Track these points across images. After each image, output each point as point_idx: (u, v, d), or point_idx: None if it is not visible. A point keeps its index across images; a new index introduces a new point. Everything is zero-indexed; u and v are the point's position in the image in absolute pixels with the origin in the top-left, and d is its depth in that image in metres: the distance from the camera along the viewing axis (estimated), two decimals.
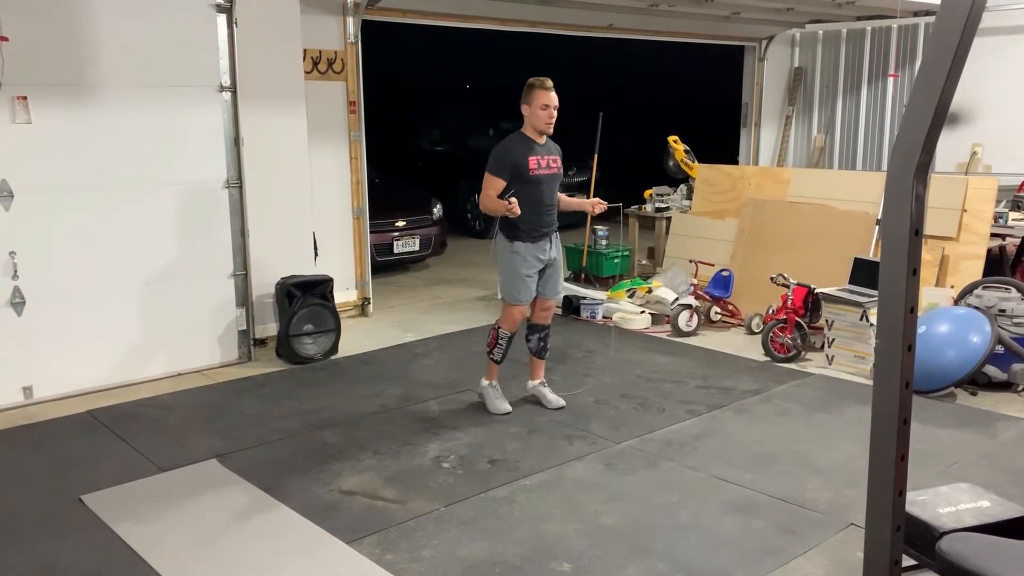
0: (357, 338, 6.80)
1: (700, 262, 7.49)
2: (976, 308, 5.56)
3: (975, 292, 5.75)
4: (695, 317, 6.89)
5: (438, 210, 9.94)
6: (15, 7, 5.05)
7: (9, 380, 5.32)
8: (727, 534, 3.67)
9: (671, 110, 15.35)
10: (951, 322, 5.46)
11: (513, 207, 4.72)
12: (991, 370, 5.44)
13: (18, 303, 5.31)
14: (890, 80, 10.16)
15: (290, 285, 6.24)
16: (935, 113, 1.64)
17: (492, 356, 5.16)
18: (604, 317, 7.41)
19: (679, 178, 9.38)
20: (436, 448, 4.63)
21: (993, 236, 6.83)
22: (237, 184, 6.15)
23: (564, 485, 4.17)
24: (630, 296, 7.59)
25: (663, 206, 8.94)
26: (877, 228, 6.83)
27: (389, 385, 5.73)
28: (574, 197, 5.79)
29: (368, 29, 7.44)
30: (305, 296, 6.25)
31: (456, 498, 4.02)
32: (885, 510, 1.79)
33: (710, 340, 6.78)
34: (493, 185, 4.87)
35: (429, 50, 15.22)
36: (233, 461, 4.48)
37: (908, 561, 2.81)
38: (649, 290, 7.42)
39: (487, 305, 7.94)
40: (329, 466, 4.42)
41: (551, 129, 4.96)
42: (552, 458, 4.48)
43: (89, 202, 5.52)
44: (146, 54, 5.64)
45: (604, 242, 8.80)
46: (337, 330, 6.40)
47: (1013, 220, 7.21)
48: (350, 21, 7.24)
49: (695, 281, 7.40)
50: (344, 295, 7.40)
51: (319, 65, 7.12)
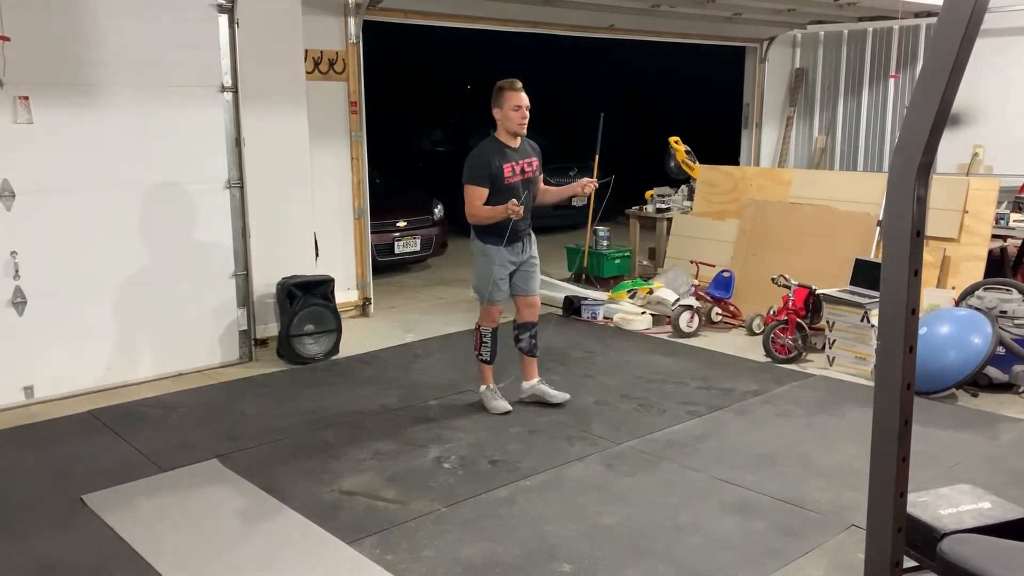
0: (358, 338, 6.80)
1: (701, 263, 7.49)
2: (977, 309, 5.56)
3: (976, 293, 5.74)
4: (696, 318, 6.89)
5: (439, 210, 9.95)
6: (17, 7, 5.06)
7: (10, 380, 5.33)
8: (728, 535, 3.67)
9: (672, 111, 15.36)
10: (952, 323, 5.45)
11: (518, 209, 4.72)
12: (992, 371, 5.43)
13: (19, 303, 5.31)
14: (891, 81, 10.16)
15: (291, 285, 6.25)
16: (937, 114, 1.64)
17: (481, 356, 5.15)
18: (606, 318, 7.41)
19: (680, 179, 9.39)
20: (437, 448, 4.63)
21: (994, 237, 6.84)
22: (238, 184, 6.16)
23: (565, 486, 4.17)
24: (631, 297, 7.59)
25: (664, 207, 8.94)
26: (878, 229, 6.82)
27: (390, 385, 5.73)
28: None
29: (369, 29, 7.45)
30: (306, 296, 6.25)
31: (457, 498, 4.02)
32: (886, 511, 1.79)
33: (711, 341, 6.77)
34: (477, 195, 4.86)
35: (430, 51, 15.22)
36: (234, 461, 4.48)
37: (909, 563, 2.81)
38: (650, 291, 7.42)
39: None
40: (330, 466, 4.42)
41: (524, 130, 4.93)
42: (553, 459, 4.48)
43: (90, 202, 5.52)
44: (148, 54, 5.65)
45: (605, 243, 8.81)
46: (338, 330, 6.40)
47: (1014, 221, 7.21)
48: (351, 21, 7.25)
49: (696, 282, 7.39)
50: (345, 295, 7.40)
51: (320, 65, 7.13)
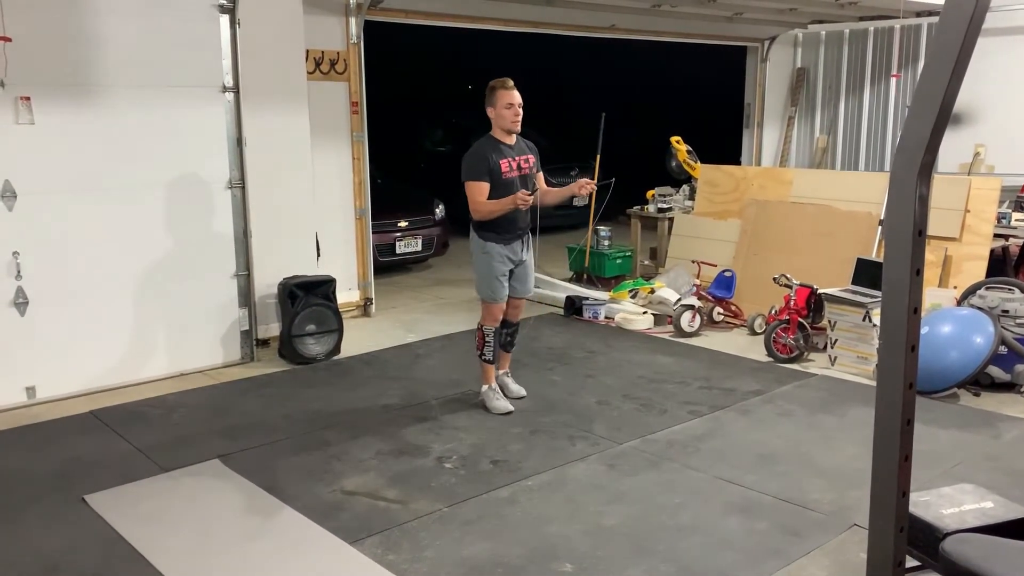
0: (359, 338, 6.80)
1: (703, 263, 7.48)
2: (979, 309, 5.55)
3: (978, 293, 5.74)
4: (697, 318, 6.88)
5: (440, 210, 9.95)
6: (18, 7, 5.06)
7: (12, 380, 5.33)
8: (730, 535, 3.67)
9: (673, 111, 15.35)
10: (954, 323, 5.45)
11: (528, 199, 4.76)
12: (994, 371, 5.43)
13: (21, 303, 5.32)
14: (893, 80, 10.15)
15: (293, 285, 6.25)
16: (939, 113, 1.64)
17: (484, 357, 5.17)
18: (607, 317, 7.41)
19: (682, 179, 9.39)
20: (438, 448, 4.63)
21: (996, 237, 6.83)
22: (240, 184, 6.16)
23: (566, 486, 4.17)
24: (632, 297, 7.58)
25: (665, 207, 8.94)
26: (880, 229, 6.82)
27: (391, 385, 5.73)
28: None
29: (370, 29, 7.45)
30: (308, 296, 6.26)
31: (458, 498, 4.02)
32: (888, 511, 1.79)
33: (712, 341, 6.77)
34: (480, 190, 4.91)
35: (431, 51, 15.22)
36: (235, 461, 4.48)
37: (911, 562, 2.81)
38: (651, 291, 7.41)
39: None
40: (331, 466, 4.42)
41: (519, 127, 4.99)
42: (554, 459, 4.48)
43: (92, 202, 5.53)
44: (149, 55, 5.65)
45: (607, 243, 8.81)
46: (339, 330, 6.41)
47: (1016, 221, 7.20)
48: (352, 22, 7.25)
49: (698, 282, 7.39)
50: (346, 295, 7.40)
51: (322, 66, 7.13)
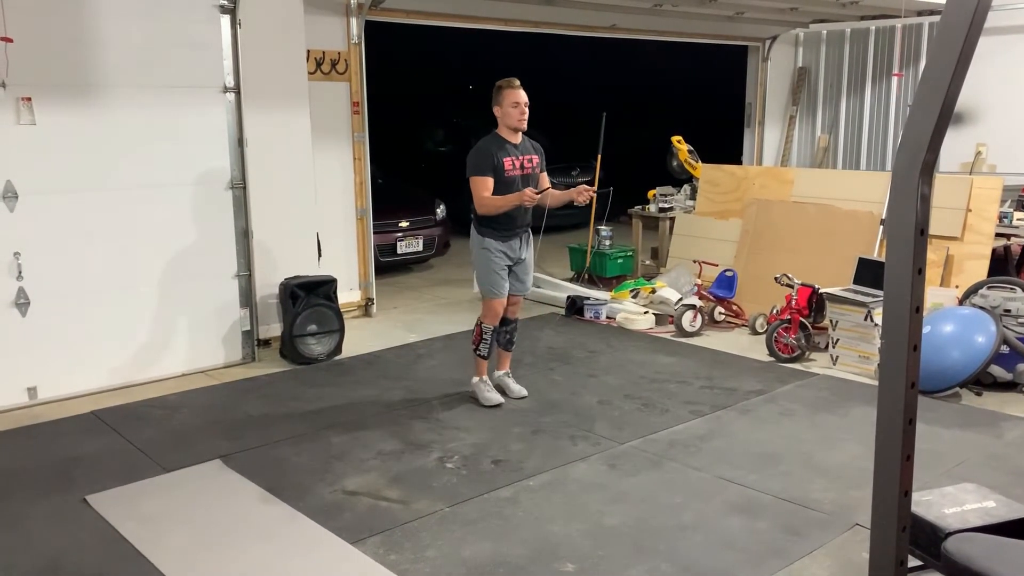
0: (361, 338, 6.80)
1: (704, 262, 7.48)
2: (981, 308, 5.55)
3: (980, 292, 5.73)
4: (699, 317, 6.88)
5: (441, 210, 9.95)
6: (19, 8, 5.07)
7: (14, 381, 5.33)
8: (731, 535, 3.67)
9: (675, 110, 15.34)
10: (956, 322, 5.44)
11: (535, 196, 4.79)
12: (996, 370, 5.42)
13: (23, 304, 5.32)
14: (894, 80, 10.14)
15: (294, 286, 6.25)
16: (940, 112, 1.63)
17: (479, 352, 5.24)
18: (608, 317, 7.40)
19: (683, 178, 9.39)
20: (440, 448, 4.63)
21: (998, 236, 6.82)
22: (241, 185, 6.16)
23: (568, 486, 4.17)
24: (634, 296, 7.58)
25: (667, 206, 8.93)
26: (882, 228, 6.82)
27: (393, 385, 5.73)
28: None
29: (371, 29, 7.45)
30: (309, 297, 6.26)
31: (460, 498, 4.02)
32: (890, 510, 1.78)
33: (714, 340, 6.77)
34: (485, 185, 4.97)
35: (432, 51, 15.21)
36: (237, 461, 4.48)
37: (914, 562, 2.80)
38: (653, 290, 7.41)
39: None
40: (333, 466, 4.42)
41: (525, 125, 5.05)
42: (556, 458, 4.48)
43: (93, 203, 5.53)
44: (150, 55, 5.65)
45: (608, 242, 8.81)
46: (341, 331, 6.41)
47: (1018, 220, 7.19)
48: (353, 22, 7.25)
49: (699, 281, 7.39)
50: (348, 296, 7.41)
51: (323, 66, 7.13)
